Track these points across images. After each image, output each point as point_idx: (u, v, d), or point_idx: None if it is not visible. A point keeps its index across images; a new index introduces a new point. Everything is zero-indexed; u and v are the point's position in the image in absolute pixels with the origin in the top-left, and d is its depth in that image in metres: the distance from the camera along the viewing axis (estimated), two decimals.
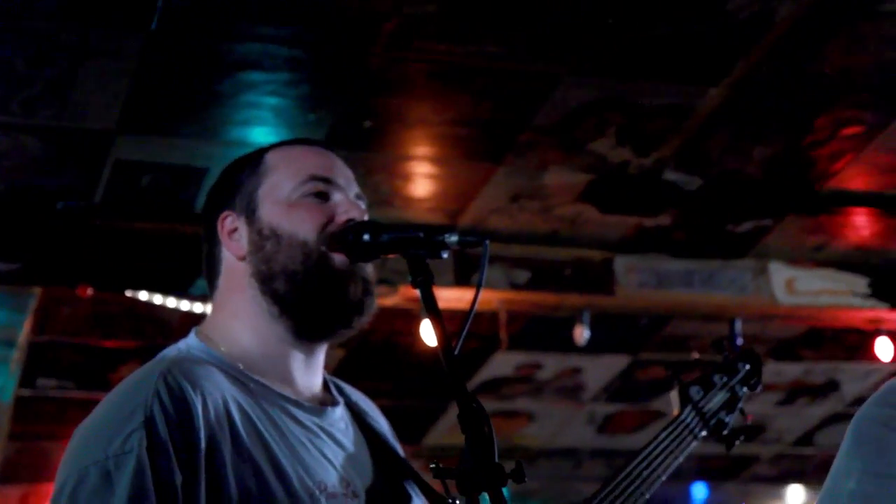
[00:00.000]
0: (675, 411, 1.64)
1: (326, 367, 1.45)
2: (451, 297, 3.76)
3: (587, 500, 1.45)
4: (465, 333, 1.17)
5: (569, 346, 4.48)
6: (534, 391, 5.64)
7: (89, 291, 3.96)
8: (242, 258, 1.37)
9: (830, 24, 2.94)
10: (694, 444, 1.60)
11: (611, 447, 5.72)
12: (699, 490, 6.71)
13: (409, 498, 1.36)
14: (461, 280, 3.97)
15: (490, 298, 4.17)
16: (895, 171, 3.59)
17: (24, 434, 4.80)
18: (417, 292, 1.17)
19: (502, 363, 5.20)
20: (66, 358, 4.59)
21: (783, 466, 6.21)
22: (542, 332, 4.83)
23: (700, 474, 6.46)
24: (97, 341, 4.47)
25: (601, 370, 5.43)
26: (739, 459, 6.37)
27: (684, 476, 6.57)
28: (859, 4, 3.05)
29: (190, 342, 1.36)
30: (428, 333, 4.02)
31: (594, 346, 4.51)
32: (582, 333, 4.21)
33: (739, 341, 3.62)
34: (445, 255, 1.20)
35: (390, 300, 3.89)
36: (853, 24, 3.01)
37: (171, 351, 1.34)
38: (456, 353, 1.08)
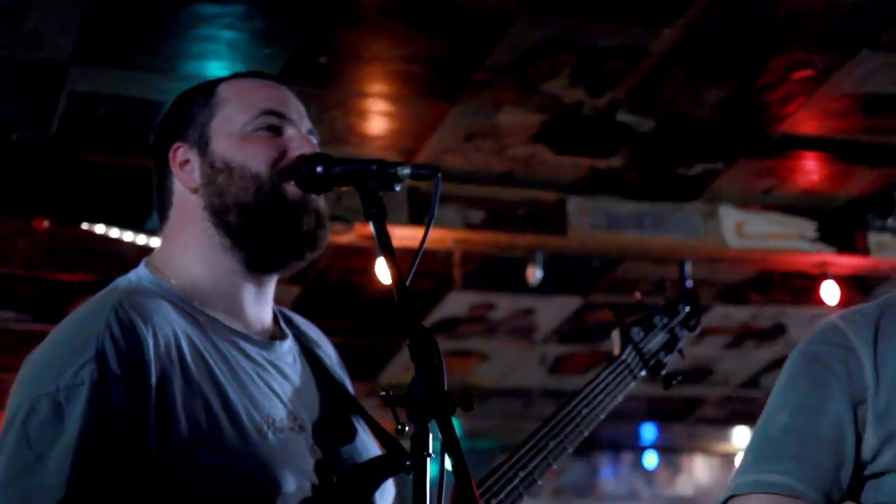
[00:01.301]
0: (616, 351, 1.70)
1: (283, 305, 1.51)
2: (405, 235, 3.75)
3: (527, 438, 1.55)
4: (415, 265, 1.17)
5: (521, 286, 4.47)
6: (486, 331, 5.66)
7: (45, 224, 3.95)
8: (195, 190, 1.38)
9: None
10: (633, 383, 1.70)
11: (561, 387, 5.79)
12: (648, 431, 6.94)
13: (354, 430, 1.43)
14: (415, 219, 3.95)
15: (444, 237, 4.15)
16: (845, 116, 3.64)
17: None
18: (372, 230, 1.19)
19: (456, 303, 5.21)
20: (23, 290, 4.55)
21: (730, 408, 6.34)
22: (496, 273, 4.82)
23: (649, 415, 6.66)
24: (54, 274, 4.47)
25: (553, 311, 5.43)
26: (687, 401, 6.52)
27: (634, 417, 6.82)
28: None
29: (140, 273, 1.37)
30: (382, 270, 3.98)
31: (546, 287, 4.49)
32: (534, 274, 4.20)
33: (689, 283, 3.69)
34: (398, 188, 1.23)
35: (345, 238, 3.90)
36: None
37: (121, 282, 1.35)
38: (407, 284, 1.07)
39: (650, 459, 7.02)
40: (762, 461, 1.41)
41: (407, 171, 1.22)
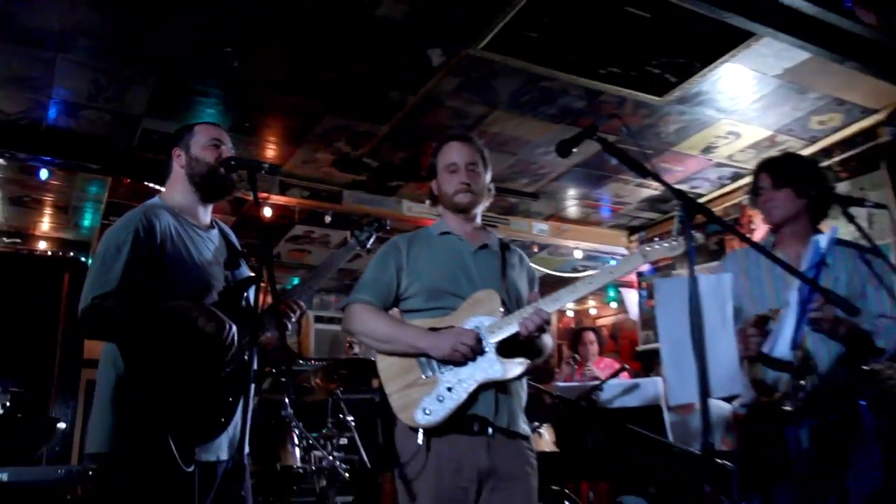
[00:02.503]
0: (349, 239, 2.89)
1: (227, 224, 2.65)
2: (279, 199, 5.82)
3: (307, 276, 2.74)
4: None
5: (323, 224, 6.46)
6: (310, 241, 7.55)
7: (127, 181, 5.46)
8: (182, 167, 2.52)
9: None
10: (348, 256, 2.84)
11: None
12: None
13: (239, 264, 2.55)
14: (283, 190, 5.85)
15: (291, 202, 6.04)
16: None
17: None
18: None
19: (296, 231, 7.09)
20: None
21: None
22: (316, 217, 6.54)
23: None
24: None
25: (339, 233, 7.18)
26: None
27: None
28: None
29: (154, 200, 2.48)
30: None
31: (333, 224, 6.30)
32: (327, 218, 6.07)
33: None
34: (264, 171, 2.36)
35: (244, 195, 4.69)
36: None
37: (147, 203, 2.44)
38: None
39: None
40: (360, 292, 2.64)
41: (266, 165, 2.35)
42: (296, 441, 4.88)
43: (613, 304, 9.05)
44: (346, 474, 4.84)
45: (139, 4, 3.70)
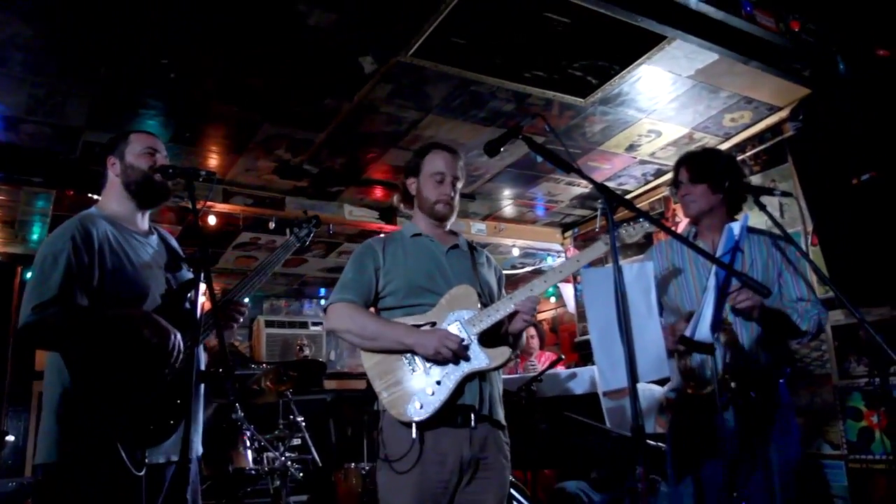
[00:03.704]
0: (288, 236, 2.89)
1: (172, 234, 2.61)
2: (222, 207, 5.74)
3: (246, 276, 2.64)
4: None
5: (267, 230, 6.12)
6: (256, 247, 7.29)
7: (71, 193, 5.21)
8: (117, 175, 2.49)
9: None
10: (288, 253, 2.82)
11: None
12: None
13: (181, 268, 2.53)
14: (226, 198, 5.72)
15: (235, 210, 5.85)
16: None
17: None
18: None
19: (242, 237, 6.90)
20: None
21: None
22: (260, 224, 6.39)
23: None
24: None
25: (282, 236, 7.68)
26: None
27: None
28: None
29: (91, 210, 2.43)
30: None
31: (277, 230, 6.04)
32: (271, 225, 5.83)
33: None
34: (201, 178, 2.31)
35: (185, 203, 4.46)
36: None
37: (83, 213, 2.40)
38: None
39: None
40: (341, 292, 2.62)
41: (204, 173, 2.32)
42: (248, 444, 4.87)
43: (552, 299, 9.08)
44: (300, 474, 4.81)
45: (74, 16, 3.57)
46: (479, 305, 2.53)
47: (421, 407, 2.36)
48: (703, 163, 2.90)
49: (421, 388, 2.40)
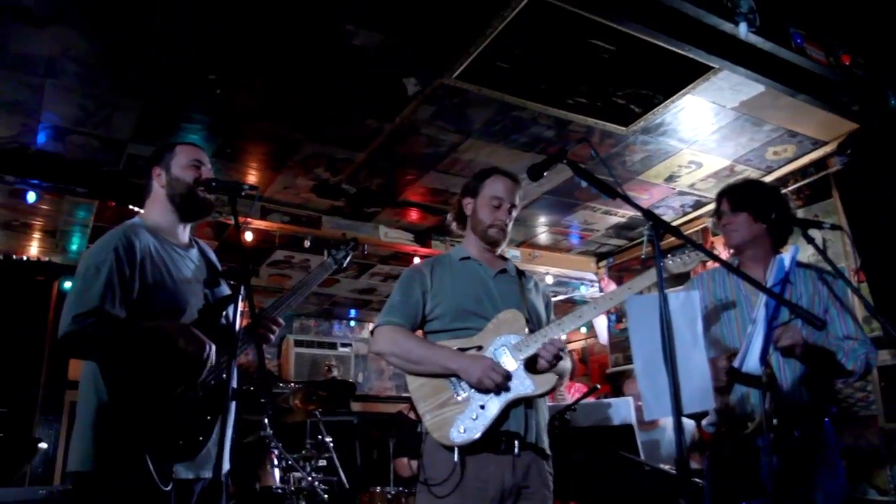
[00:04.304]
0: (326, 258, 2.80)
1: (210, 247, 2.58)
2: (260, 224, 5.76)
3: (283, 295, 2.56)
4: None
5: (302, 248, 6.05)
6: (289, 266, 7.26)
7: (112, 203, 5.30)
8: (162, 186, 2.48)
9: None
10: (326, 274, 2.73)
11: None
12: None
13: (219, 283, 2.50)
14: (264, 215, 5.76)
15: (272, 227, 5.85)
16: None
17: None
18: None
19: (277, 255, 6.84)
20: None
21: None
22: (296, 242, 6.24)
23: None
24: None
25: (318, 259, 6.81)
26: None
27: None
28: None
29: (135, 220, 2.42)
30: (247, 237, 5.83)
31: (312, 249, 6.06)
32: (307, 243, 5.83)
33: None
34: (243, 193, 2.28)
35: (226, 219, 5.39)
36: None
37: (127, 223, 2.38)
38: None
39: None
40: (389, 314, 2.59)
41: (246, 187, 2.29)
42: (275, 462, 4.84)
43: (583, 329, 8.97)
44: (325, 495, 4.75)
45: (127, 31, 3.64)
46: (526, 330, 2.50)
47: (464, 431, 2.33)
48: (745, 192, 2.86)
49: (465, 412, 2.37)
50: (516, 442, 2.37)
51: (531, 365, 2.45)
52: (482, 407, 2.37)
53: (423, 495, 2.38)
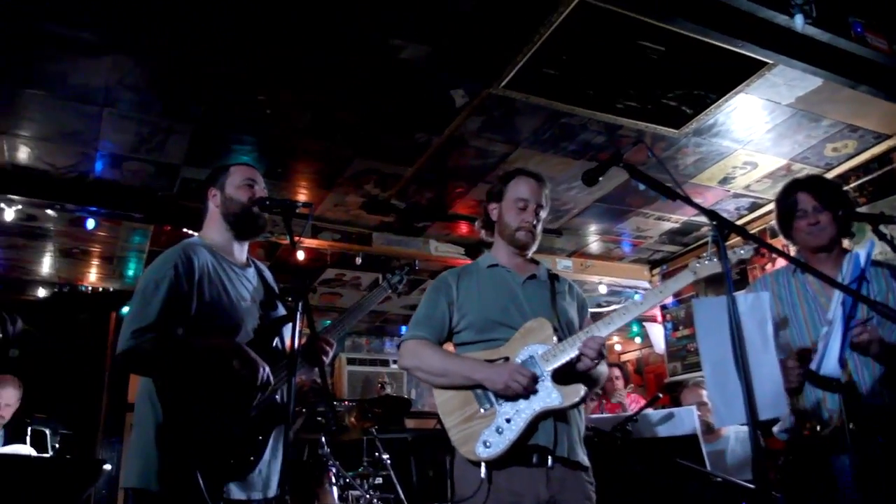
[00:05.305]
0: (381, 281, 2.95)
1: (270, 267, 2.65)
2: (311, 242, 5.81)
3: (340, 316, 2.66)
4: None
5: (353, 266, 6.31)
6: (341, 285, 7.46)
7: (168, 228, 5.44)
8: (217, 206, 2.51)
9: None
10: (380, 298, 2.85)
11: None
12: None
13: (276, 305, 2.50)
14: (315, 233, 5.82)
15: (322, 245, 5.92)
16: None
17: None
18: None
19: (327, 273, 7.06)
20: None
21: None
22: (345, 260, 6.48)
23: None
24: None
25: (368, 276, 7.13)
26: None
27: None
28: None
29: (193, 239, 2.48)
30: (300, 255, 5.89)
31: (363, 266, 6.31)
32: (358, 260, 5.97)
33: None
34: (297, 210, 2.29)
35: (280, 239, 5.47)
36: None
37: (186, 241, 2.44)
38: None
39: None
40: (414, 328, 2.56)
41: (300, 203, 2.31)
42: (333, 480, 4.83)
43: (637, 339, 8.82)
44: None
45: (178, 55, 3.72)
46: (554, 339, 2.40)
47: (489, 446, 2.26)
48: (830, 188, 2.75)
49: (490, 427, 2.29)
50: (549, 456, 2.29)
51: (559, 376, 2.37)
52: (508, 420, 2.29)
53: None
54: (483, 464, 2.24)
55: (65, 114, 4.21)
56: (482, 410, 2.32)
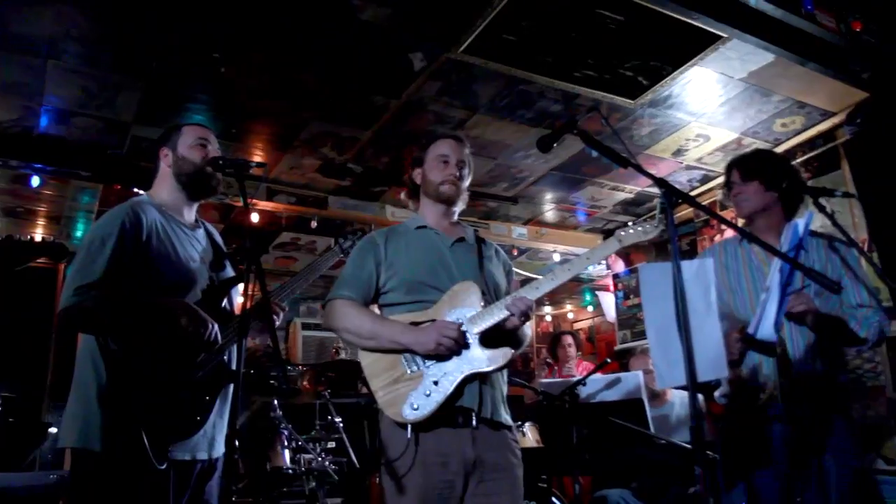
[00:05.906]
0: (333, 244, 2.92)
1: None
2: (266, 205, 5.77)
3: (290, 279, 2.65)
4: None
5: (309, 230, 6.23)
6: (296, 248, 7.36)
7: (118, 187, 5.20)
8: (169, 166, 2.49)
9: None
10: (332, 261, 2.82)
11: None
12: None
13: (224, 265, 2.53)
14: (270, 196, 5.75)
15: (278, 208, 5.83)
16: None
17: None
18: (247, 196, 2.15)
19: (283, 238, 6.98)
20: None
21: None
22: (302, 224, 6.36)
23: None
24: None
25: (325, 241, 7.02)
26: None
27: None
28: None
29: (142, 197, 2.44)
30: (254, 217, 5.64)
31: (318, 230, 6.19)
32: (313, 224, 5.86)
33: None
34: (250, 170, 2.25)
35: (233, 201, 5.45)
36: None
37: (135, 199, 2.39)
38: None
39: None
40: (340, 288, 2.50)
41: (254, 164, 2.27)
42: (285, 443, 4.85)
43: (590, 308, 8.99)
44: (336, 476, 4.76)
45: (129, 10, 3.62)
46: (481, 303, 2.42)
47: (417, 408, 2.28)
48: (755, 160, 2.86)
49: (417, 389, 2.31)
50: (473, 416, 2.32)
51: (486, 339, 2.39)
52: (435, 383, 2.32)
53: (385, 476, 2.32)
54: (409, 426, 2.27)
55: (5, 64, 4.05)
56: (409, 372, 2.33)
